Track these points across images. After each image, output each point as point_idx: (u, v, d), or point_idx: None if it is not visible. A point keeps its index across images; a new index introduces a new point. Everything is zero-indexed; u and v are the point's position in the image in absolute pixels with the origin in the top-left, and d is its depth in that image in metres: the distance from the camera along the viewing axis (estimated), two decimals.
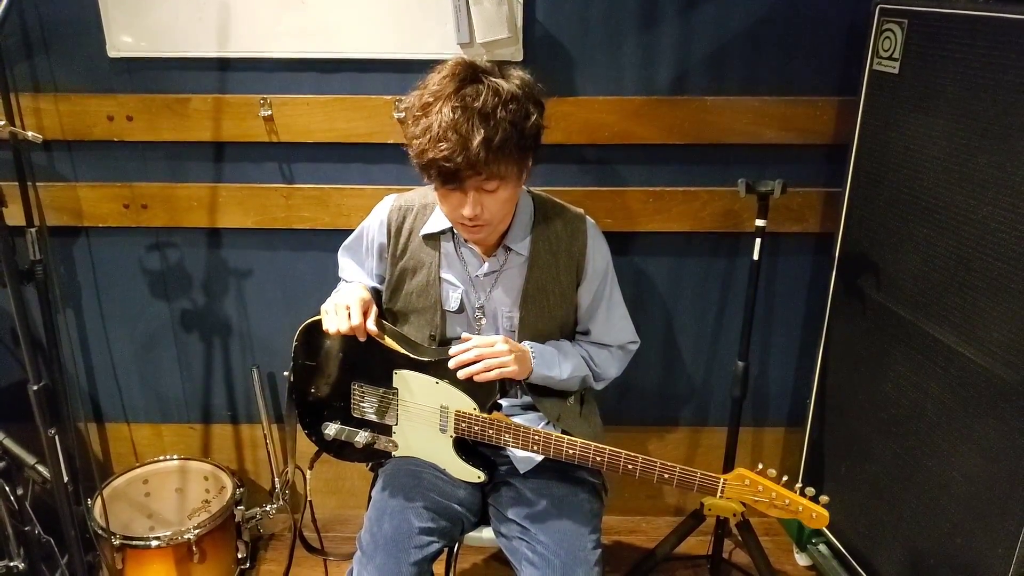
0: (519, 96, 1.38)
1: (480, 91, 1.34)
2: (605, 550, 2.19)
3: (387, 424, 1.59)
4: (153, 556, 1.98)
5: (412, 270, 1.61)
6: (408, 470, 1.61)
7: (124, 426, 2.34)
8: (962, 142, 1.57)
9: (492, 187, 1.39)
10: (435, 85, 1.37)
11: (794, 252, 2.13)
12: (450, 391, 1.51)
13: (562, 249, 1.59)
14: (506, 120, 1.33)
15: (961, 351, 1.61)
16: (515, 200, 1.51)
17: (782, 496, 1.43)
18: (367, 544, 1.51)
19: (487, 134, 1.31)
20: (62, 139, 2.01)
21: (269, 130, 2.00)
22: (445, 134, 1.32)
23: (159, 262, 2.16)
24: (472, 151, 1.31)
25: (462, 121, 1.31)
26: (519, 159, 1.40)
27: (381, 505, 1.57)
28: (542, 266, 1.58)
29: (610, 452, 1.45)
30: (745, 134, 1.98)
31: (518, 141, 1.36)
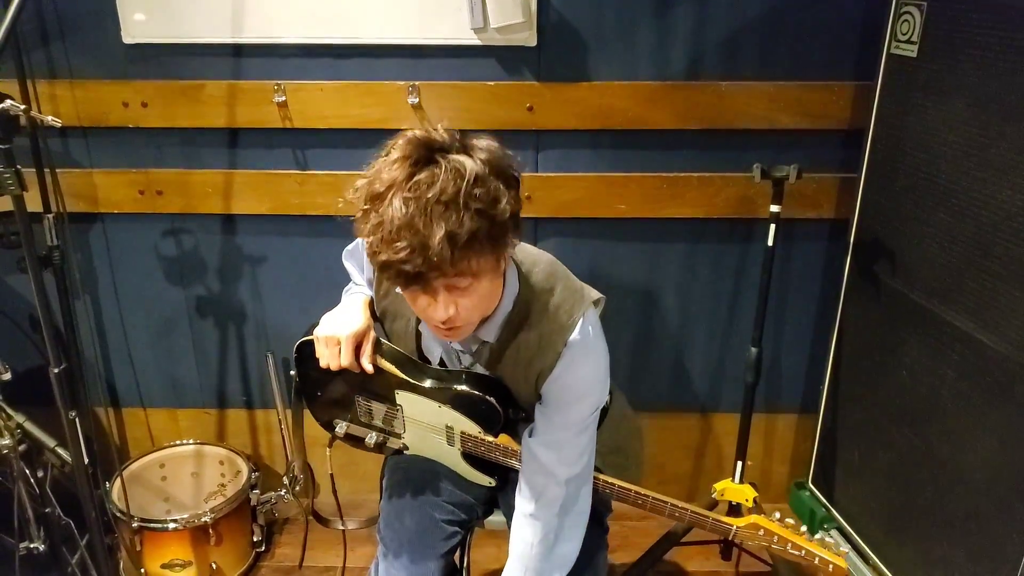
0: (485, 176, 1.10)
1: (436, 176, 1.07)
2: (616, 535, 2.21)
3: (396, 432, 1.58)
4: (171, 538, 2.01)
5: (394, 314, 1.47)
6: (423, 463, 1.60)
7: (140, 411, 2.37)
8: (981, 126, 1.56)
9: (465, 284, 1.15)
10: (385, 171, 1.11)
11: (809, 238, 2.12)
12: (453, 415, 1.47)
13: (524, 361, 1.34)
14: (472, 209, 1.07)
15: (978, 337, 1.60)
16: (496, 291, 1.27)
17: (799, 546, 1.41)
18: (391, 540, 1.50)
19: (449, 228, 1.06)
20: (78, 125, 2.02)
21: (283, 116, 2.00)
22: (398, 232, 1.06)
23: (174, 248, 2.17)
24: (432, 250, 1.06)
25: (417, 215, 1.06)
26: (495, 249, 1.14)
27: (399, 500, 1.54)
28: (505, 368, 1.39)
29: (620, 487, 1.44)
30: (760, 119, 1.97)
31: (489, 231, 1.09)
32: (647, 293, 2.19)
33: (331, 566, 2.21)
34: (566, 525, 1.39)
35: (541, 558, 1.39)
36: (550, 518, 1.37)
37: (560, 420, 1.35)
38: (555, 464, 1.36)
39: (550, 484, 1.37)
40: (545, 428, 1.36)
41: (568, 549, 1.41)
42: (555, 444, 1.36)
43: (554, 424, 1.35)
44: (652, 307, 2.17)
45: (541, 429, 1.37)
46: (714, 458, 2.39)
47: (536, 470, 1.37)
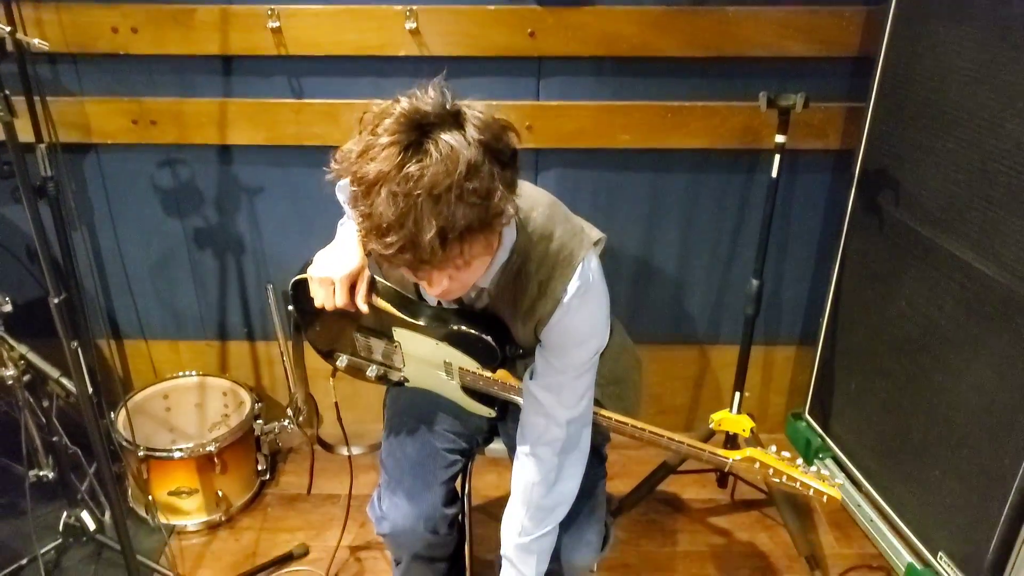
0: (479, 164, 1.03)
1: (426, 167, 1.00)
2: (615, 463, 2.24)
3: (395, 366, 1.58)
4: (177, 467, 2.04)
5: None
6: (423, 393, 1.61)
7: (142, 343, 2.38)
8: (993, 53, 1.53)
9: (459, 265, 1.12)
10: (374, 152, 1.03)
11: (813, 170, 2.10)
12: (451, 351, 1.47)
13: (521, 308, 1.32)
14: (465, 203, 1.02)
15: (979, 267, 1.60)
16: (490, 256, 1.23)
17: (793, 479, 1.42)
18: (392, 468, 1.52)
19: (440, 224, 1.01)
20: (66, 52, 1.96)
21: (277, 43, 1.94)
22: (389, 229, 1.02)
23: (170, 179, 2.14)
24: (423, 247, 1.02)
25: (407, 212, 1.01)
26: (488, 235, 1.11)
27: (401, 430, 1.57)
28: (504, 315, 1.37)
29: (616, 420, 1.44)
30: (768, 46, 1.92)
31: (481, 222, 1.05)
32: (649, 225, 2.18)
33: (335, 493, 2.26)
34: (566, 464, 1.40)
35: (542, 496, 1.41)
36: (550, 458, 1.39)
37: (560, 364, 1.34)
38: (555, 406, 1.36)
39: (551, 426, 1.37)
40: (545, 371, 1.36)
41: (569, 487, 1.43)
42: (555, 387, 1.35)
43: (554, 367, 1.34)
44: (653, 239, 2.16)
45: (541, 372, 1.37)
46: (712, 389, 2.42)
47: (536, 411, 1.38)
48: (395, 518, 1.48)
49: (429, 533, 1.49)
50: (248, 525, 2.16)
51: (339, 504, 2.22)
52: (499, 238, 1.24)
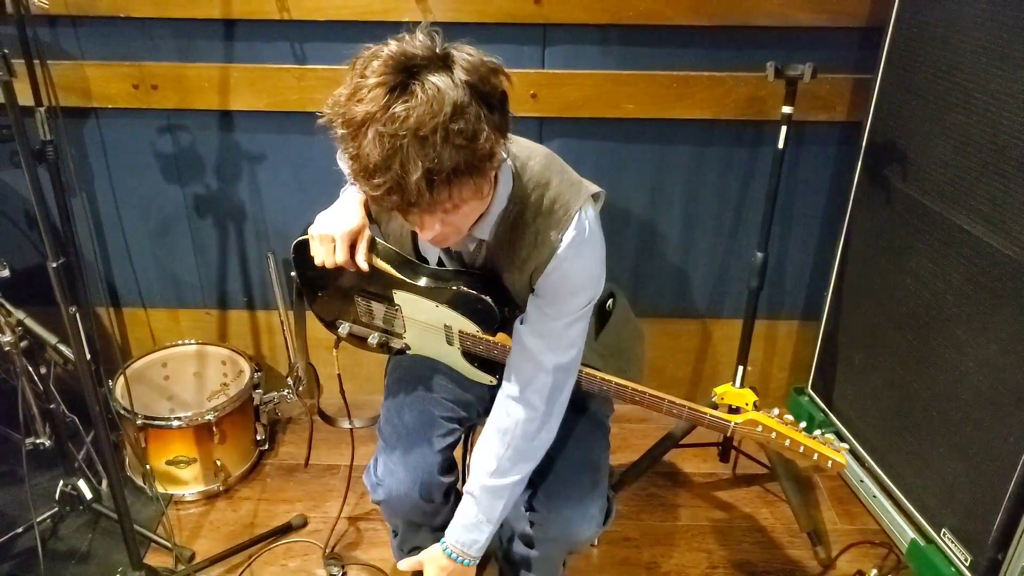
0: (465, 105, 1.03)
1: (412, 109, 1.01)
2: (616, 437, 2.24)
3: (397, 331, 1.58)
4: (175, 435, 2.03)
5: (388, 215, 1.44)
6: (423, 361, 1.61)
7: (141, 311, 2.37)
8: (1005, 22, 1.50)
9: (448, 208, 1.12)
10: (362, 96, 1.04)
11: (820, 142, 2.08)
12: (451, 314, 1.46)
13: (518, 258, 1.32)
14: (451, 144, 1.02)
15: (988, 241, 1.58)
16: (484, 201, 1.24)
17: (797, 443, 1.39)
18: (389, 435, 1.52)
19: (426, 165, 1.02)
20: (66, 14, 1.94)
21: (280, 7, 1.92)
22: (376, 171, 1.03)
23: (171, 145, 2.12)
24: (410, 190, 1.03)
25: (393, 154, 1.01)
26: (477, 178, 1.10)
27: (400, 397, 1.56)
28: (500, 262, 1.37)
29: (617, 383, 1.43)
30: (775, 16, 1.90)
31: (468, 164, 1.05)
32: (653, 197, 2.16)
33: (334, 464, 2.25)
34: (552, 414, 1.40)
35: (523, 438, 1.40)
36: (537, 403, 1.38)
37: (553, 312, 1.34)
38: (544, 352, 1.35)
39: (539, 372, 1.36)
40: (537, 318, 1.35)
41: (547, 438, 1.42)
42: (546, 333, 1.35)
43: (546, 315, 1.34)
44: (657, 211, 2.14)
45: (533, 319, 1.36)
46: (715, 363, 2.41)
47: (525, 357, 1.37)
48: (390, 484, 1.48)
49: (423, 500, 1.48)
50: (246, 495, 2.15)
51: (338, 475, 2.21)
52: (493, 185, 1.24)
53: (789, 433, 1.41)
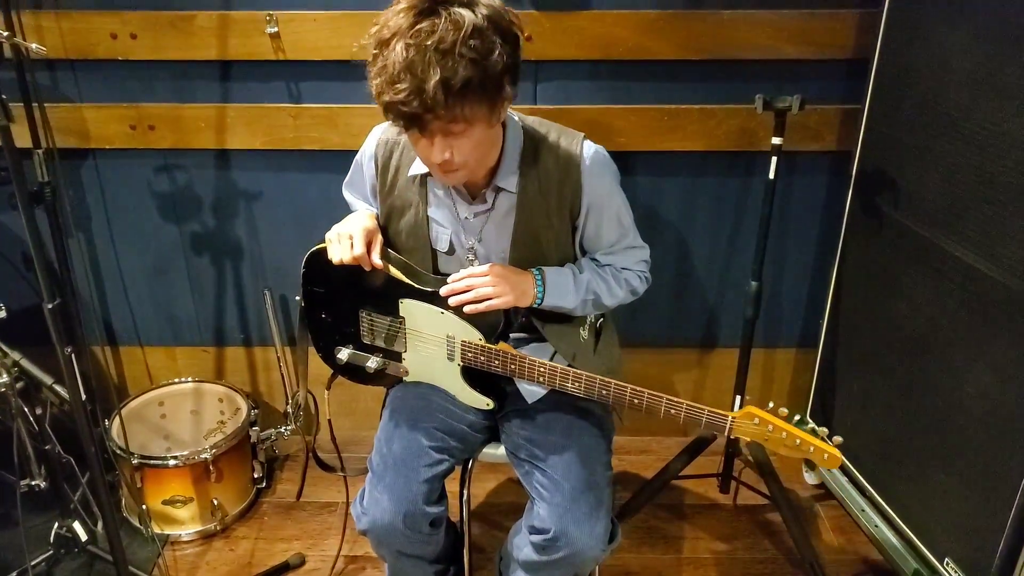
0: (483, 29, 1.20)
1: (437, 25, 1.18)
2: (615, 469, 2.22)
3: (397, 351, 1.59)
4: (171, 475, 2.02)
5: (400, 209, 1.55)
6: (418, 393, 1.62)
7: (138, 349, 2.37)
8: (989, 53, 1.52)
9: (459, 130, 1.26)
10: (391, 19, 1.22)
11: (810, 171, 2.10)
12: (455, 321, 1.49)
13: (553, 189, 1.47)
14: (467, 58, 1.18)
15: (979, 268, 1.59)
16: (492, 140, 1.40)
17: (793, 436, 1.39)
18: (377, 464, 1.53)
19: (444, 74, 1.16)
20: (65, 58, 1.97)
21: (276, 48, 1.95)
22: (399, 75, 1.18)
23: (168, 184, 2.14)
24: (428, 93, 1.17)
25: (417, 60, 1.17)
26: (488, 99, 1.25)
27: (391, 427, 1.58)
28: (531, 208, 1.48)
29: (616, 386, 1.43)
30: (763, 49, 1.93)
31: (482, 81, 1.20)
32: (647, 229, 2.12)
33: (331, 502, 2.24)
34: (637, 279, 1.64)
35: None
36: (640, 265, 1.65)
37: (608, 227, 1.54)
38: (628, 260, 1.62)
39: (639, 263, 1.64)
40: (601, 250, 1.58)
41: (629, 289, 1.62)
42: (618, 252, 1.59)
43: (606, 239, 1.56)
44: (652, 241, 2.12)
45: (598, 236, 1.56)
46: (713, 393, 2.41)
47: (620, 264, 1.60)
48: (374, 513, 1.48)
49: (408, 529, 1.48)
50: (244, 534, 2.13)
51: (336, 512, 2.19)
52: (502, 128, 1.43)
53: (785, 426, 1.40)
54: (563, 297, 1.51)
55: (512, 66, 1.26)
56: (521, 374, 1.49)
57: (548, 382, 1.48)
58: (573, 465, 1.49)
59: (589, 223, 1.53)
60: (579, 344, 1.62)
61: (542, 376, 1.48)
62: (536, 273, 1.50)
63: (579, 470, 1.48)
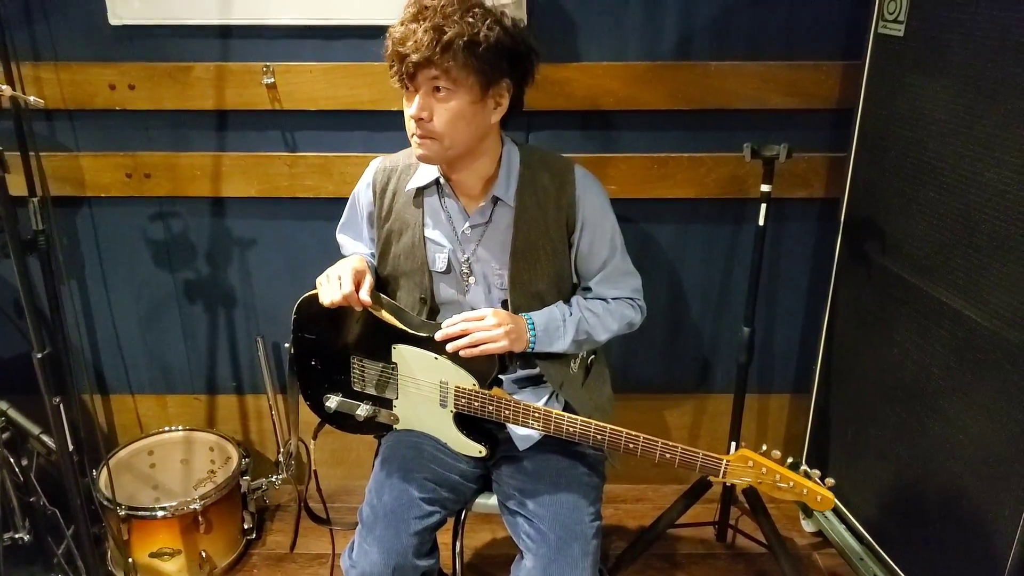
0: (484, 8, 1.39)
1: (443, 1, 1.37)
2: (611, 518, 2.20)
3: (388, 398, 1.58)
4: (159, 526, 1.98)
5: (398, 232, 1.59)
6: (409, 443, 1.61)
7: (129, 397, 2.35)
8: (968, 104, 1.57)
9: (443, 88, 1.38)
10: None
11: (799, 218, 2.13)
12: (449, 367, 1.49)
13: (550, 202, 1.53)
14: (462, 21, 1.34)
15: (967, 314, 1.60)
16: (472, 123, 1.43)
17: (787, 478, 1.39)
18: (367, 516, 1.51)
19: (437, 23, 1.34)
20: (63, 108, 2.00)
21: (272, 98, 1.99)
22: (404, 23, 1.37)
23: (162, 232, 2.15)
24: (419, 37, 1.33)
25: (420, 15, 1.36)
26: (474, 69, 1.37)
27: (381, 478, 1.56)
28: (530, 220, 1.53)
29: (611, 431, 1.43)
30: (750, 99, 1.98)
31: (468, 45, 1.34)
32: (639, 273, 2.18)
33: (323, 553, 2.19)
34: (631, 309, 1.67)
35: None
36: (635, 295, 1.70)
37: (600, 245, 1.58)
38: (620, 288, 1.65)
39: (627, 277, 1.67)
40: (595, 275, 1.61)
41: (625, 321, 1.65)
42: (610, 277, 1.62)
43: (599, 259, 1.59)
44: (644, 288, 2.16)
45: (592, 259, 1.59)
46: (709, 438, 2.39)
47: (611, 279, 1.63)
48: (363, 566, 1.46)
49: None
50: None
51: (327, 564, 2.15)
52: (499, 140, 1.53)
53: (778, 469, 1.40)
54: (555, 340, 1.54)
55: (510, 56, 1.40)
56: (515, 419, 1.49)
57: (543, 426, 1.48)
58: (560, 515, 1.47)
59: (583, 239, 1.57)
60: (568, 375, 1.62)
61: (536, 421, 1.47)
62: (528, 318, 1.52)
63: (565, 520, 1.46)
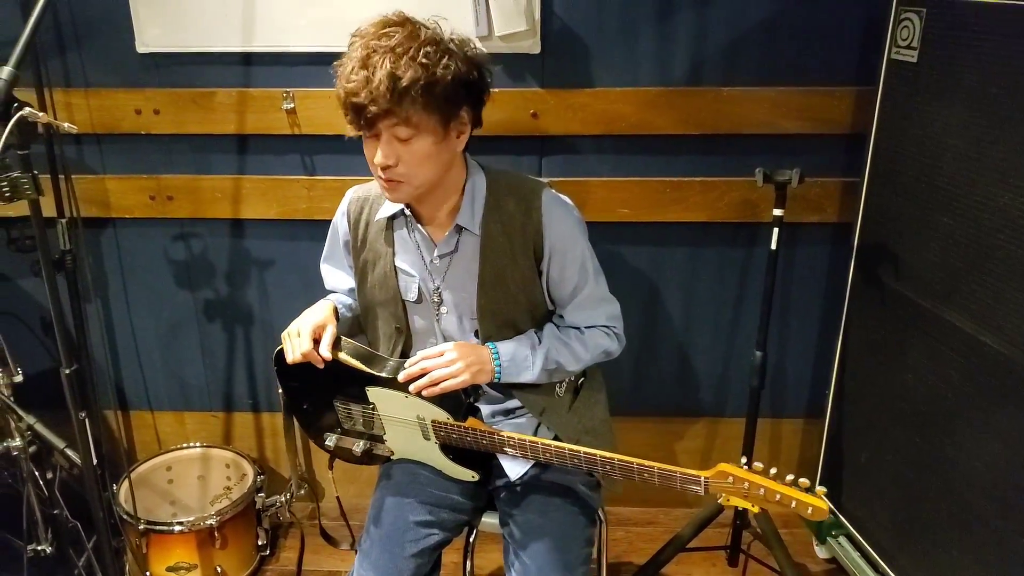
0: (441, 43, 1.32)
1: (397, 32, 1.30)
2: (621, 542, 2.19)
3: (377, 434, 1.61)
4: (176, 541, 2.02)
5: (372, 262, 1.59)
6: (406, 468, 1.62)
7: (148, 414, 2.39)
8: (981, 130, 1.57)
9: (404, 135, 1.32)
10: (363, 29, 1.35)
11: (812, 242, 2.13)
12: (420, 403, 1.49)
13: (516, 229, 1.49)
14: (417, 61, 1.27)
15: (981, 339, 1.59)
16: (438, 159, 1.40)
17: (772, 491, 1.33)
18: (365, 543, 1.53)
19: (392, 70, 1.26)
20: (91, 132, 2.07)
21: (292, 123, 2.03)
22: (355, 70, 1.29)
23: (184, 252, 2.20)
24: (374, 85, 1.26)
25: (372, 58, 1.28)
26: (435, 109, 1.32)
27: (378, 503, 1.58)
28: (496, 249, 1.50)
29: (586, 454, 1.42)
30: (762, 124, 1.99)
31: (428, 85, 1.28)
32: (651, 298, 2.20)
33: (334, 570, 2.21)
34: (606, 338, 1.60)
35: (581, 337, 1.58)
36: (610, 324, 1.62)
37: (571, 271, 1.52)
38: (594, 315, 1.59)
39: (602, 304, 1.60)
40: (566, 301, 1.56)
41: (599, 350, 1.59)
42: (583, 304, 1.57)
43: (569, 284, 1.54)
44: (656, 312, 2.18)
45: (564, 286, 1.55)
46: (719, 462, 2.37)
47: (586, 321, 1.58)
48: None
49: None
50: None
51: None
52: (464, 168, 1.49)
53: (762, 482, 1.34)
54: (522, 371, 1.51)
55: (467, 85, 1.35)
56: (494, 448, 1.50)
57: (522, 454, 1.48)
58: (543, 545, 1.47)
59: (553, 266, 1.53)
60: (552, 400, 1.60)
61: (513, 449, 1.48)
62: (493, 348, 1.50)
63: (548, 551, 1.46)
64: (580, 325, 1.59)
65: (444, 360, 1.44)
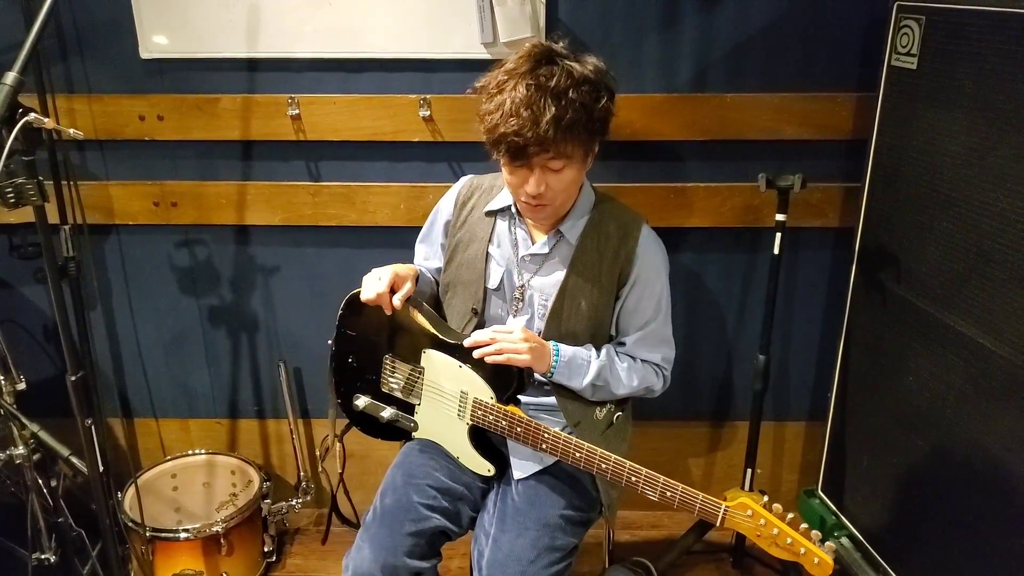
0: (592, 79, 1.41)
1: (554, 72, 1.38)
2: (626, 545, 2.20)
3: (411, 403, 1.64)
4: (182, 548, 2.01)
5: (466, 243, 1.67)
6: (421, 452, 1.67)
7: (152, 421, 2.38)
8: (980, 136, 1.59)
9: (557, 166, 1.43)
10: (511, 64, 1.42)
11: (814, 247, 2.15)
12: (471, 376, 1.54)
13: (609, 251, 1.58)
14: (577, 101, 1.37)
15: (982, 343, 1.62)
16: (578, 183, 1.54)
17: (784, 535, 1.36)
18: (368, 518, 1.59)
19: (557, 112, 1.34)
20: (95, 139, 2.06)
21: (296, 129, 2.04)
22: (517, 110, 1.36)
23: (188, 259, 2.20)
24: (541, 128, 1.34)
25: (535, 98, 1.35)
26: (586, 141, 1.43)
27: (388, 482, 1.64)
28: (586, 263, 1.58)
29: (615, 461, 1.45)
30: (765, 130, 2.01)
31: (586, 123, 1.39)
32: None
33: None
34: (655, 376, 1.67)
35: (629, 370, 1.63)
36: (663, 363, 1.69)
37: (646, 305, 1.59)
38: (653, 352, 1.65)
39: (661, 345, 1.67)
40: (632, 331, 1.62)
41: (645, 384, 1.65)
42: (647, 339, 1.63)
43: (642, 317, 1.60)
44: None
45: (630, 335, 1.62)
46: (723, 466, 2.40)
47: (644, 355, 1.65)
48: (356, 561, 1.52)
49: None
50: None
51: None
52: (584, 179, 1.57)
53: (778, 524, 1.37)
54: (574, 376, 1.57)
55: (609, 115, 1.47)
56: (525, 439, 1.52)
57: (550, 449, 1.50)
58: (510, 558, 1.49)
59: (632, 295, 1.60)
60: (589, 418, 1.64)
61: (545, 443, 1.50)
62: (555, 345, 1.55)
63: (511, 564, 1.49)
64: (636, 356, 1.65)
65: (513, 337, 1.49)
